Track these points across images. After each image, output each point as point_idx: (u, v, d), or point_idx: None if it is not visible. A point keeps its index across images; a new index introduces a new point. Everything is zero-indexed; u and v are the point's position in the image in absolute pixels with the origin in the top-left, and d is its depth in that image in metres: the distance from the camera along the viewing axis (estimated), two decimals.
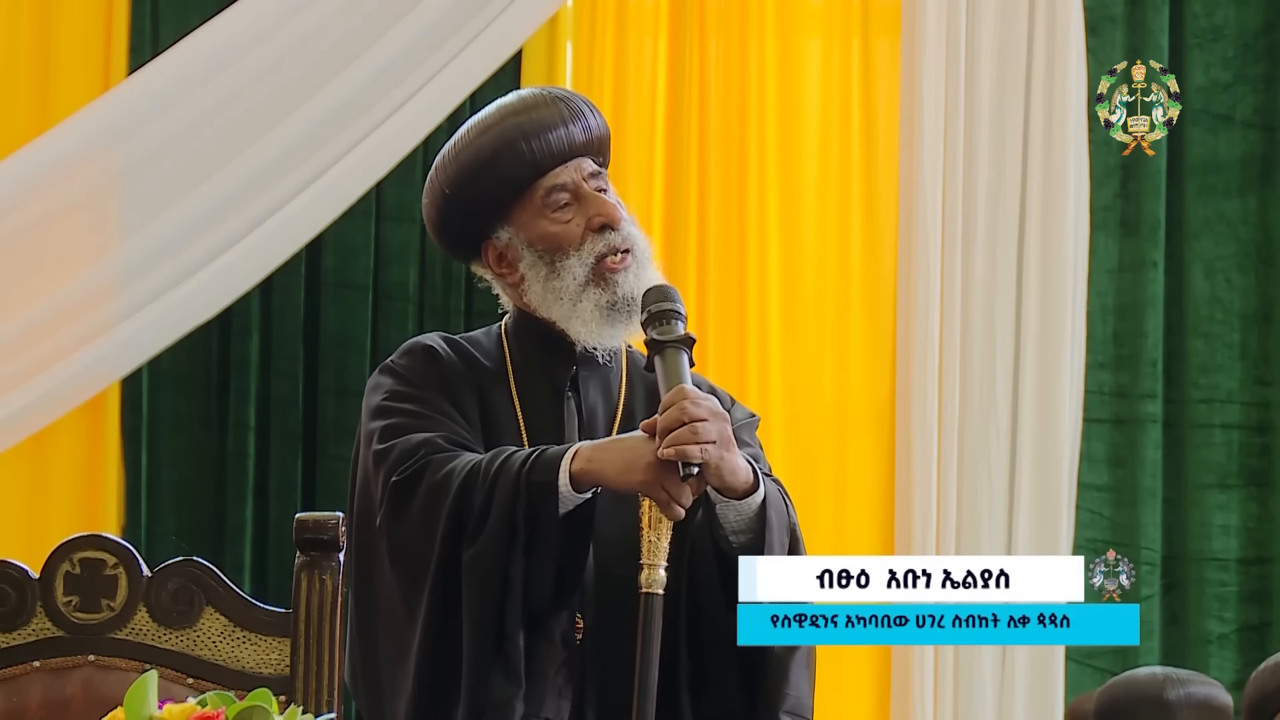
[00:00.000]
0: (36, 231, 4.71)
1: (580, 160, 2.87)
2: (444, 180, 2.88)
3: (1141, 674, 3.51)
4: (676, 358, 2.67)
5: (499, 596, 2.66)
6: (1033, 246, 4.81)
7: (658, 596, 2.57)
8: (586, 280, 2.82)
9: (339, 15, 4.75)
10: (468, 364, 2.89)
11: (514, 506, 2.65)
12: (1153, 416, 4.82)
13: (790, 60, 4.93)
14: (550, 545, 2.65)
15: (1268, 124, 4.88)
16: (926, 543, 4.70)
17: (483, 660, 2.66)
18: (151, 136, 4.72)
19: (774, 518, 2.68)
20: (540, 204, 2.86)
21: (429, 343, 2.91)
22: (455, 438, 2.78)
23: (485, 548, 2.67)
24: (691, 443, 2.57)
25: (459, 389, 2.85)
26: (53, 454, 4.84)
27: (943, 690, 4.69)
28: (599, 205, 2.85)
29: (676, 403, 2.60)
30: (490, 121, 2.87)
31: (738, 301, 4.85)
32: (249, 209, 4.72)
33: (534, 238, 2.86)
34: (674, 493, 2.59)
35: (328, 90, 4.73)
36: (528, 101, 2.89)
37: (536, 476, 2.66)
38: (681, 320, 2.70)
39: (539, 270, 2.86)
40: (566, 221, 2.85)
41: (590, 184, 2.86)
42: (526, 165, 2.84)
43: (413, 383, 2.85)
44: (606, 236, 2.84)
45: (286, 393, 4.92)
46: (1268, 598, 4.81)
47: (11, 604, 3.04)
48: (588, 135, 2.88)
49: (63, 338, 4.69)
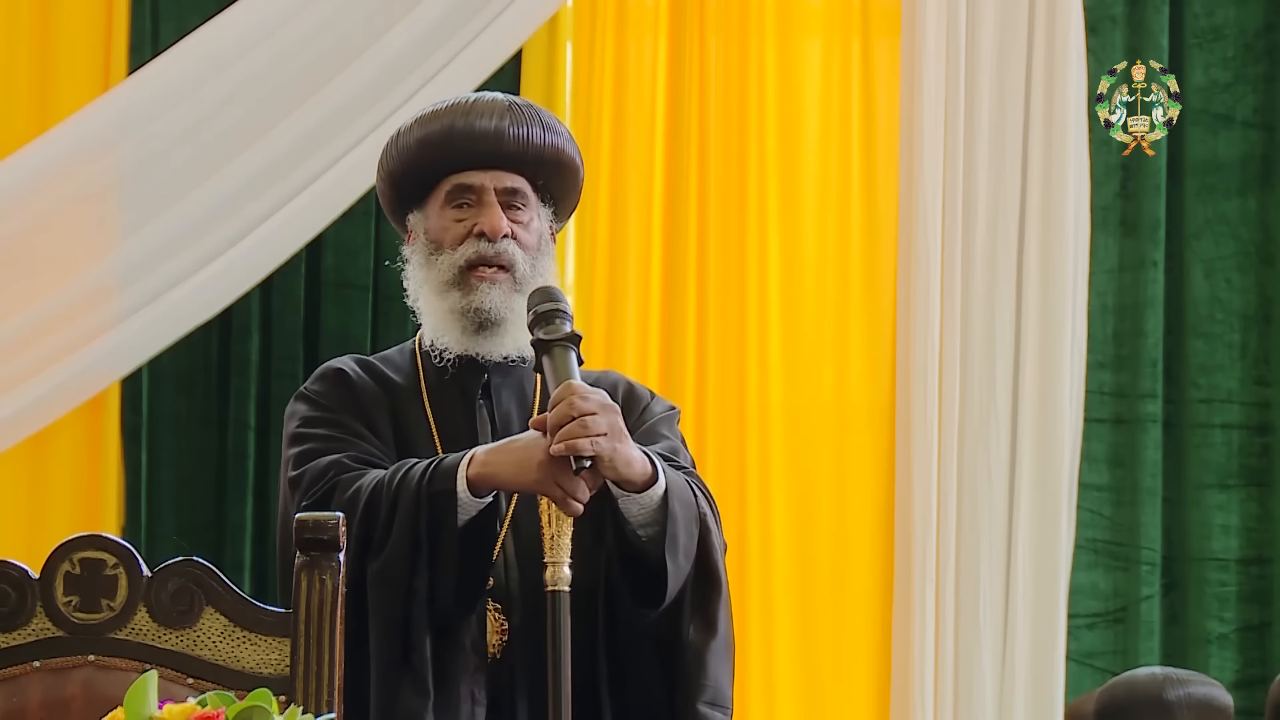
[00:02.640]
0: (36, 231, 4.70)
1: (502, 173, 2.89)
2: (385, 156, 2.99)
3: (1141, 674, 3.52)
4: (564, 355, 2.68)
5: (404, 607, 2.69)
6: (1033, 246, 4.81)
7: (564, 594, 2.59)
8: (451, 281, 2.88)
9: (339, 15, 4.75)
10: (379, 383, 2.93)
11: (416, 516, 2.69)
12: (1153, 416, 4.82)
13: (790, 60, 4.93)
14: (452, 553, 2.67)
15: (1268, 124, 4.88)
16: (926, 543, 4.70)
17: (390, 672, 2.69)
18: (151, 136, 4.72)
19: (679, 509, 2.69)
20: (444, 199, 2.92)
21: (340, 365, 2.97)
22: (365, 457, 2.82)
23: (389, 559, 2.71)
24: (582, 436, 2.59)
25: (371, 409, 2.90)
26: (53, 454, 4.84)
27: (943, 690, 4.69)
28: (488, 214, 2.88)
29: (565, 398, 2.61)
30: (437, 113, 2.95)
31: (738, 302, 4.85)
32: (249, 209, 4.72)
33: (429, 228, 2.94)
34: (569, 489, 2.61)
35: (328, 90, 4.73)
36: (478, 102, 2.94)
37: (436, 485, 2.69)
38: (567, 319, 2.71)
39: (419, 258, 2.95)
40: (459, 221, 2.91)
41: (501, 196, 2.89)
42: (444, 161, 2.90)
43: (325, 407, 2.91)
44: (481, 245, 2.88)
45: (286, 393, 4.89)
46: (1268, 598, 4.81)
47: (11, 604, 3.03)
48: (522, 150, 2.90)
49: (63, 338, 4.69)
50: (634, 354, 4.82)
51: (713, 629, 2.74)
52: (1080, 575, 4.78)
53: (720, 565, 2.77)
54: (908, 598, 4.72)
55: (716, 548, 2.76)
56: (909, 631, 4.70)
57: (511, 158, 2.90)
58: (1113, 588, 4.81)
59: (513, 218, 2.91)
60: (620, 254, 4.88)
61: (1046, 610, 4.71)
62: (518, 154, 2.90)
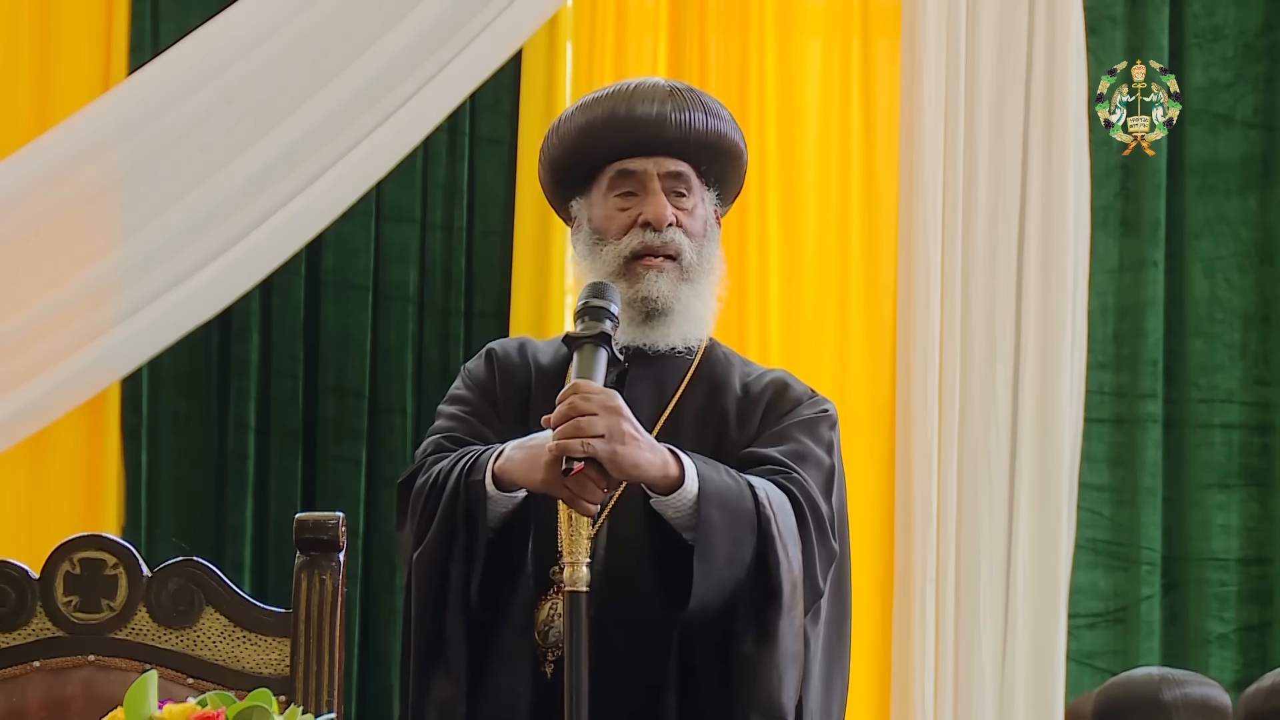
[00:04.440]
0: (36, 231, 4.70)
1: (665, 159, 2.86)
2: (546, 144, 2.94)
3: (1139, 674, 3.52)
4: (591, 354, 2.66)
5: (439, 595, 2.67)
6: (1033, 246, 4.81)
7: (580, 594, 2.55)
8: (617, 271, 2.83)
9: (339, 15, 4.75)
10: (528, 365, 2.91)
11: (454, 505, 2.67)
12: (1153, 416, 4.82)
13: (790, 60, 4.93)
14: (481, 545, 2.65)
15: (1268, 124, 4.88)
16: (926, 543, 4.70)
17: (424, 659, 2.68)
18: (151, 136, 4.72)
19: (716, 514, 2.63)
20: (608, 185, 2.88)
21: (495, 345, 2.96)
22: (465, 438, 2.79)
23: (429, 546, 2.69)
24: (574, 436, 2.55)
25: (508, 391, 2.88)
26: (53, 454, 4.84)
27: (943, 690, 4.69)
28: (653, 202, 2.84)
29: (567, 398, 2.59)
30: (598, 99, 2.90)
31: (738, 302, 4.84)
32: (249, 209, 4.71)
33: (593, 216, 2.90)
34: (576, 489, 2.58)
35: (328, 90, 4.73)
36: (640, 88, 2.89)
37: (473, 476, 2.68)
38: (608, 318, 2.68)
39: (583, 248, 2.89)
40: (623, 209, 2.87)
41: (664, 183, 2.86)
42: (607, 147, 2.86)
43: (468, 385, 2.91)
44: (647, 235, 2.84)
45: (286, 393, 4.92)
46: (1268, 598, 4.81)
47: (11, 604, 3.04)
48: (684, 135, 2.86)
49: (63, 338, 4.69)
50: None
51: (770, 639, 2.66)
52: (1080, 575, 4.78)
53: (782, 577, 2.66)
54: (908, 597, 4.72)
55: (782, 560, 2.66)
56: (909, 631, 4.70)
57: (674, 143, 2.86)
58: (1113, 588, 4.81)
59: (677, 204, 2.87)
60: None
61: (1046, 610, 4.71)
62: (679, 139, 2.86)
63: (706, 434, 2.83)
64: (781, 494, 2.73)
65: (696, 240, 2.87)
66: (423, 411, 4.89)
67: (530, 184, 4.88)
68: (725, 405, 2.88)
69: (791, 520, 2.71)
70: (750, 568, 2.65)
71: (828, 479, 2.83)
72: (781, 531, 2.68)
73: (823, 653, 2.80)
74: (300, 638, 3.00)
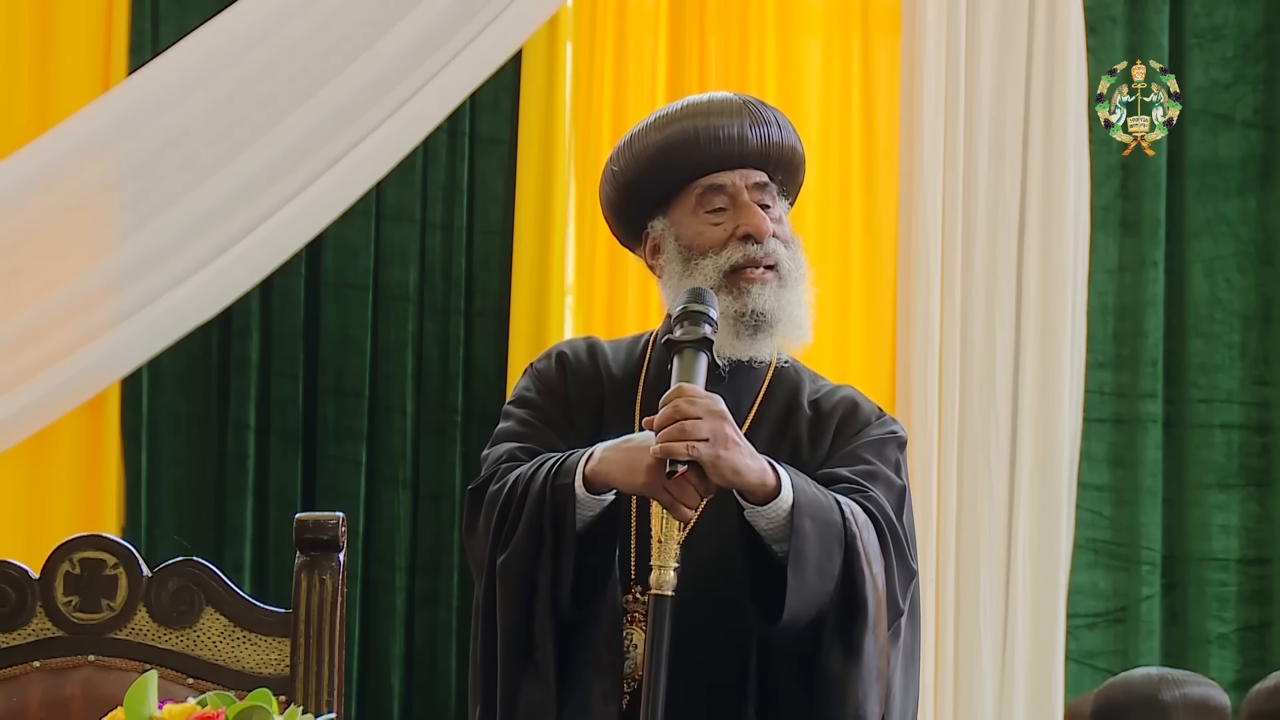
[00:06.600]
0: (36, 232, 4.71)
1: (749, 171, 2.85)
2: (617, 165, 2.90)
3: (1138, 675, 3.52)
4: (691, 358, 2.65)
5: (527, 602, 2.65)
6: (1033, 246, 4.81)
7: (667, 599, 2.54)
8: (718, 285, 2.81)
9: (339, 15, 4.75)
10: (598, 369, 2.89)
11: (540, 510, 2.65)
12: (1153, 416, 4.82)
13: (790, 60, 4.93)
14: (570, 549, 2.64)
15: (1268, 124, 4.88)
16: (926, 543, 4.69)
17: (513, 666, 2.66)
18: (151, 136, 4.72)
19: (808, 525, 2.61)
20: (695, 202, 2.86)
21: (564, 347, 2.94)
22: (538, 449, 2.78)
23: (514, 553, 2.67)
24: (679, 440, 2.55)
25: (578, 396, 2.87)
26: (53, 454, 4.84)
27: (943, 690, 4.69)
28: (749, 214, 2.83)
29: (671, 401, 2.58)
30: (672, 116, 2.88)
31: None
32: (249, 209, 4.72)
33: (682, 233, 2.87)
34: (676, 493, 2.57)
35: (328, 90, 4.73)
36: (714, 103, 2.89)
37: (560, 480, 2.66)
38: (708, 323, 2.67)
39: (676, 266, 2.86)
40: (716, 224, 2.85)
41: (752, 194, 2.85)
42: (691, 164, 2.85)
43: (537, 388, 2.88)
44: (749, 247, 2.83)
45: (286, 393, 4.92)
46: (1268, 598, 4.81)
47: (11, 604, 3.04)
48: (764, 146, 2.86)
49: (63, 338, 4.69)
50: None
51: (855, 655, 2.63)
52: (1080, 575, 4.78)
53: (868, 592, 2.64)
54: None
55: (868, 575, 2.64)
56: None
57: (755, 157, 2.86)
58: (1113, 588, 4.81)
59: (766, 215, 2.86)
60: (620, 254, 4.86)
61: (1046, 610, 4.72)
62: (760, 153, 2.86)
63: (781, 450, 2.81)
64: (863, 512, 2.71)
65: (790, 248, 2.87)
66: (423, 411, 4.89)
67: (530, 184, 4.88)
68: (798, 422, 2.87)
69: (874, 537, 2.70)
70: (838, 582, 2.64)
71: (899, 499, 2.81)
72: (867, 547, 2.67)
73: (901, 673, 2.77)
74: (300, 638, 3.00)
